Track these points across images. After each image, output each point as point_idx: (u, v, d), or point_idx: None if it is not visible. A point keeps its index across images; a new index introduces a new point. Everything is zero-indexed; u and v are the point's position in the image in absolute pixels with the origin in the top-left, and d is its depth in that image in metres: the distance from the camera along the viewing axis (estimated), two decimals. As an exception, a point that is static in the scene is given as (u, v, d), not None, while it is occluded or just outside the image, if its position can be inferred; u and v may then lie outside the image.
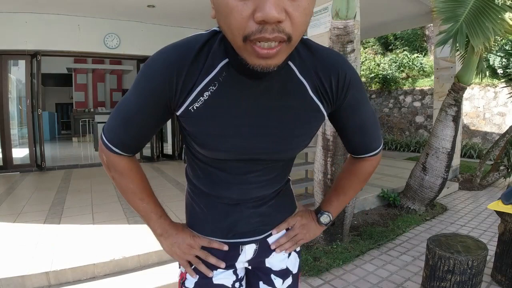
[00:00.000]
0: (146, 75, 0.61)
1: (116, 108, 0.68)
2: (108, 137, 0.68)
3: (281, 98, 0.64)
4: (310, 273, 2.29)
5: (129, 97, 0.65)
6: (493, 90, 7.52)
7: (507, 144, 4.60)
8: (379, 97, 9.88)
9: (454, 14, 2.90)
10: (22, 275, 1.99)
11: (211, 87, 0.61)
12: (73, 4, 4.95)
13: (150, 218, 0.77)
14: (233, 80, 0.61)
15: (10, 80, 5.69)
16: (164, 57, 0.60)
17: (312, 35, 3.50)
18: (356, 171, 0.84)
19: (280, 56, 0.50)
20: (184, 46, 0.60)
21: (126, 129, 0.67)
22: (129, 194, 0.75)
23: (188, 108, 0.62)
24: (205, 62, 0.60)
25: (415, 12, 5.74)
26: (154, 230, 0.78)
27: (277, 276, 0.84)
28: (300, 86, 0.65)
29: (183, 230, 0.79)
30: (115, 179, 0.75)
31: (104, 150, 0.70)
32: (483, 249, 1.78)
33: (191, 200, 0.81)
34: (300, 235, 0.84)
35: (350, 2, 2.35)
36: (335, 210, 0.86)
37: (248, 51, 0.49)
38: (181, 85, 0.60)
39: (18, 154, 5.87)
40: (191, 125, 0.64)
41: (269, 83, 0.62)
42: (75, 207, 3.37)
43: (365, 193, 3.76)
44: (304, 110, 0.66)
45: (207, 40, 0.60)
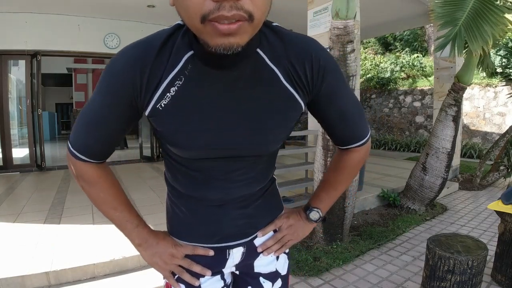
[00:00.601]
0: (109, 76, 0.59)
1: (80, 114, 0.65)
2: (74, 144, 0.65)
3: (252, 88, 0.61)
4: (310, 273, 2.29)
5: (92, 100, 0.62)
6: (493, 90, 7.52)
7: (507, 144, 4.60)
8: (379, 97, 9.88)
9: (452, 18, 2.89)
10: (22, 275, 1.99)
11: (177, 81, 0.58)
12: (73, 4, 4.95)
13: (125, 228, 0.73)
14: (200, 73, 0.58)
15: (10, 80, 5.69)
16: (126, 56, 0.57)
17: (312, 35, 3.50)
18: (345, 164, 0.80)
19: (242, 35, 0.47)
20: (146, 42, 0.58)
21: (91, 133, 0.63)
22: (100, 203, 0.71)
23: (156, 106, 0.59)
24: (169, 57, 0.57)
25: (415, 12, 5.74)
26: (132, 240, 0.74)
27: (266, 279, 0.81)
28: (271, 74, 0.61)
29: (164, 239, 0.75)
30: (84, 188, 0.71)
31: (71, 159, 0.67)
32: (483, 249, 1.78)
33: (172, 205, 0.77)
34: (288, 236, 0.81)
35: (350, 2, 2.35)
36: (324, 206, 0.83)
37: (208, 32, 0.47)
38: (145, 83, 0.58)
39: (18, 154, 5.87)
40: (161, 125, 0.62)
41: (237, 73, 0.59)
42: (75, 207, 3.37)
43: (365, 193, 3.76)
44: (277, 100, 0.62)
45: (170, 34, 0.58)
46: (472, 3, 2.81)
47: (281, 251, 0.81)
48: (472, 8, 2.82)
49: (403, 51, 10.95)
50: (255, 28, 0.49)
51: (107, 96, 0.59)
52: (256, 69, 0.60)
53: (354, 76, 2.51)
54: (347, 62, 2.47)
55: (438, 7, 2.94)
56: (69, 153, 0.67)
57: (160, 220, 2.56)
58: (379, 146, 8.64)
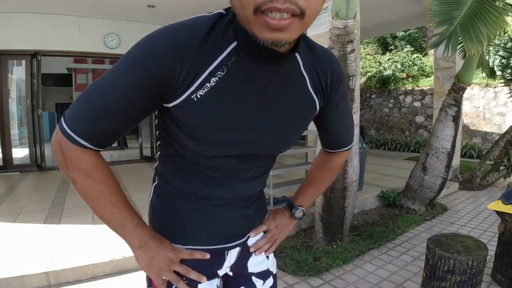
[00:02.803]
0: (146, 58, 0.52)
1: (88, 93, 0.55)
2: (72, 124, 0.55)
3: (284, 89, 0.62)
4: (310, 273, 2.29)
5: (112, 80, 0.54)
6: (493, 90, 7.52)
7: (507, 144, 4.60)
8: (379, 97, 9.88)
9: (449, 16, 2.88)
10: (22, 275, 1.99)
11: (219, 72, 0.56)
12: (73, 4, 4.95)
13: (125, 227, 0.64)
14: (242, 66, 0.57)
15: (10, 80, 5.69)
16: (170, 40, 0.52)
17: (312, 35, 3.50)
18: (331, 165, 0.86)
19: (292, 31, 0.48)
20: (191, 27, 0.54)
21: (103, 117, 0.55)
22: (97, 198, 0.62)
23: (191, 96, 0.55)
24: (213, 46, 0.55)
25: (415, 12, 5.73)
26: (130, 241, 0.66)
27: (258, 278, 0.83)
28: (302, 80, 0.65)
29: (162, 242, 0.68)
30: (77, 181, 0.60)
31: (65, 143, 0.56)
32: (483, 249, 1.78)
33: (167, 206, 0.72)
34: (276, 235, 0.84)
35: (350, 2, 2.35)
36: (307, 204, 0.88)
37: (258, 25, 0.47)
38: (185, 71, 0.54)
39: (18, 154, 5.87)
40: (189, 116, 0.57)
41: (276, 69, 0.59)
42: (75, 207, 3.37)
43: (365, 193, 3.76)
44: (302, 103, 0.66)
45: (214, 23, 0.55)
46: (470, 2, 2.81)
47: (271, 250, 0.84)
48: (470, 8, 2.81)
49: (403, 51, 10.94)
50: (305, 26, 0.50)
51: (138, 79, 0.53)
52: (292, 72, 0.63)
53: (354, 76, 2.51)
54: (347, 62, 2.47)
55: (434, 5, 2.94)
56: (61, 133, 0.56)
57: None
58: (379, 146, 8.64)
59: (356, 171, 2.67)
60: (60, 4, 4.92)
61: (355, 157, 2.64)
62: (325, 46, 3.33)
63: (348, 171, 2.60)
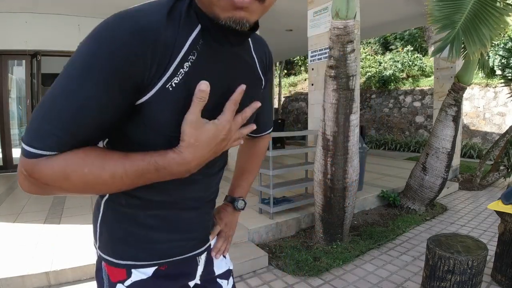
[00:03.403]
0: (108, 45, 0.45)
1: (47, 100, 0.46)
2: (39, 142, 0.46)
3: (242, 70, 0.62)
4: (310, 273, 2.29)
5: (70, 78, 0.46)
6: (493, 90, 7.52)
7: (507, 144, 4.60)
8: (379, 97, 9.88)
9: (450, 21, 2.88)
10: (22, 275, 1.99)
11: (191, 56, 0.52)
12: (73, 4, 4.95)
13: (152, 179, 0.52)
14: (209, 48, 0.54)
15: (10, 80, 5.69)
16: (131, 23, 0.46)
17: (312, 35, 3.50)
18: (258, 151, 0.89)
19: (252, 12, 0.49)
20: (151, 11, 0.49)
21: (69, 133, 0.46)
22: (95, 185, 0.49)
23: (165, 86, 0.50)
24: (179, 29, 0.51)
25: (415, 12, 5.73)
26: (168, 167, 0.52)
27: (222, 279, 0.82)
28: (253, 61, 0.66)
29: (186, 147, 0.52)
30: (63, 188, 0.49)
31: (30, 165, 0.47)
32: (483, 249, 1.78)
33: (127, 223, 0.63)
34: (227, 233, 0.85)
35: (350, 2, 2.35)
36: (245, 193, 0.90)
37: (221, 5, 0.47)
38: (157, 59, 0.48)
39: (18, 154, 5.84)
40: (163, 109, 0.50)
41: (235, 52, 0.59)
42: (75, 207, 3.37)
43: (365, 193, 3.76)
44: (255, 84, 0.67)
45: (172, 5, 0.51)
46: (471, 5, 2.81)
47: (228, 249, 0.85)
48: (471, 10, 2.81)
49: (403, 51, 10.94)
50: (264, 11, 0.51)
51: (102, 73, 0.45)
52: (246, 54, 0.64)
53: (354, 76, 2.51)
54: (347, 62, 2.47)
55: (436, 11, 2.94)
56: (29, 159, 0.46)
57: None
58: (379, 146, 8.64)
59: (356, 171, 2.67)
60: (60, 4, 4.92)
61: (355, 157, 2.64)
62: (325, 46, 3.34)
63: (348, 171, 2.60)
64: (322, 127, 2.65)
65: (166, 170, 0.52)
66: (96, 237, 0.67)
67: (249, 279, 2.25)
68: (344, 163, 2.59)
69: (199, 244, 0.72)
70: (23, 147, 0.47)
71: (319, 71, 3.44)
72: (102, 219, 0.65)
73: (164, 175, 0.52)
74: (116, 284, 0.65)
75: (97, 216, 0.66)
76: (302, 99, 12.14)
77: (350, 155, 2.59)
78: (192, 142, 0.51)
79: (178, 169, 0.52)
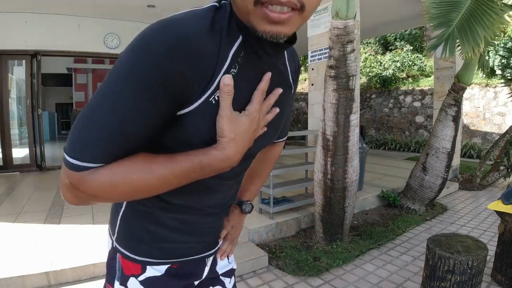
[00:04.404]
0: (149, 58, 0.44)
1: (89, 114, 0.46)
2: (84, 155, 0.46)
3: (278, 80, 0.62)
4: (310, 273, 2.29)
5: (114, 94, 0.45)
6: (493, 90, 7.52)
7: (507, 144, 4.60)
8: (379, 97, 9.88)
9: (446, 19, 2.88)
10: (22, 275, 1.99)
11: (233, 69, 0.51)
12: (73, 4, 4.95)
13: (197, 177, 0.53)
14: (249, 61, 0.54)
15: (10, 80, 5.69)
16: (173, 33, 0.45)
17: (312, 35, 3.50)
18: (271, 157, 0.89)
19: (291, 25, 0.47)
20: (194, 19, 0.48)
21: (113, 144, 0.47)
22: (144, 190, 0.50)
23: (209, 99, 0.50)
24: (221, 41, 0.50)
25: (415, 12, 5.73)
26: (212, 164, 0.52)
27: (225, 277, 0.85)
28: (286, 71, 0.66)
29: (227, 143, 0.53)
30: (113, 198, 0.51)
31: (76, 178, 0.47)
32: (483, 249, 1.78)
33: (150, 220, 0.64)
34: (233, 235, 0.86)
35: (350, 2, 2.35)
36: (253, 197, 0.91)
37: (258, 17, 0.46)
38: (202, 70, 0.48)
39: (18, 154, 5.87)
40: (203, 122, 0.51)
41: (272, 62, 0.58)
42: (75, 207, 3.37)
43: (365, 193, 3.76)
44: (287, 93, 0.67)
45: (213, 15, 0.50)
46: (467, 4, 2.81)
47: (232, 251, 0.86)
48: (467, 9, 2.81)
49: (403, 51, 10.94)
50: (303, 21, 0.49)
51: (145, 84, 0.45)
52: (281, 64, 0.63)
53: (354, 76, 2.51)
54: (347, 62, 2.47)
55: (432, 8, 2.94)
56: (71, 170, 0.47)
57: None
58: (379, 146, 8.64)
59: (356, 171, 2.67)
60: (60, 4, 4.92)
61: (355, 157, 2.64)
62: (325, 46, 3.34)
63: (348, 171, 2.60)
64: (322, 127, 2.65)
65: (210, 167, 0.52)
66: (114, 230, 0.68)
67: (249, 279, 2.25)
68: (344, 163, 2.59)
69: (210, 246, 0.74)
70: (68, 160, 0.47)
71: (319, 71, 3.44)
72: (123, 216, 0.66)
73: (208, 172, 0.53)
74: (129, 277, 0.66)
75: (118, 211, 0.67)
76: (302, 99, 12.14)
77: (350, 155, 2.59)
78: (233, 137, 0.52)
79: (222, 165, 0.53)
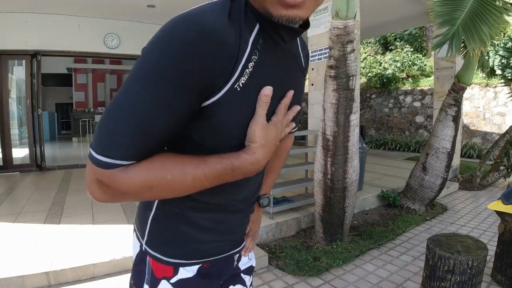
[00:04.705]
0: (174, 50, 0.44)
1: (116, 112, 0.46)
2: (113, 152, 0.46)
3: (294, 65, 0.65)
4: (310, 273, 2.29)
5: (140, 87, 0.45)
6: (493, 90, 7.52)
7: (507, 144, 4.60)
8: (379, 97, 9.88)
9: (451, 17, 2.89)
10: (22, 275, 1.99)
11: (253, 56, 0.52)
12: (73, 4, 4.95)
13: (227, 179, 0.55)
14: (268, 47, 0.55)
15: (10, 80, 5.70)
16: (196, 24, 0.45)
17: (312, 35, 3.50)
18: (284, 149, 0.90)
19: (306, 8, 0.48)
20: (212, 10, 0.48)
21: (143, 139, 0.47)
22: (179, 189, 0.52)
23: (234, 86, 0.50)
24: (241, 29, 0.51)
25: (415, 12, 5.73)
26: (242, 167, 0.55)
27: (245, 274, 0.85)
28: (299, 56, 0.68)
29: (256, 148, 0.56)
30: (146, 197, 0.52)
31: (107, 176, 0.47)
32: (483, 249, 1.78)
33: (182, 221, 0.64)
34: (254, 230, 0.87)
35: (350, 2, 2.35)
36: (268, 191, 0.91)
37: (273, 2, 0.47)
38: (225, 59, 0.48)
39: (18, 154, 5.87)
40: (231, 109, 0.51)
41: (288, 48, 0.60)
42: (75, 207, 3.37)
43: (365, 193, 3.76)
44: (301, 78, 0.69)
45: (231, 5, 0.51)
46: (471, 3, 2.82)
47: (253, 246, 0.87)
48: (471, 8, 2.82)
49: (403, 51, 10.94)
50: (316, 5, 0.50)
51: (171, 76, 0.45)
52: (295, 49, 0.65)
53: (354, 76, 2.51)
54: (347, 62, 2.47)
55: (437, 6, 2.95)
56: (98, 167, 0.47)
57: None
58: (379, 146, 8.63)
59: (356, 171, 2.67)
60: (60, 4, 4.93)
61: (355, 157, 2.64)
62: (325, 46, 3.34)
63: (348, 171, 2.60)
64: (322, 127, 2.65)
65: (240, 170, 0.55)
66: (143, 233, 0.67)
67: (249, 279, 2.25)
68: (344, 163, 2.59)
69: (238, 243, 0.75)
70: (96, 157, 0.47)
71: (319, 71, 3.44)
72: (154, 219, 0.65)
73: (237, 174, 0.55)
74: (160, 280, 0.65)
75: (148, 214, 0.66)
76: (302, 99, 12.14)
77: (350, 155, 2.59)
78: (264, 143, 0.55)
79: (251, 168, 0.56)
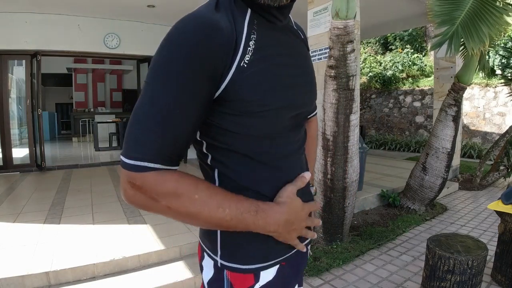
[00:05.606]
0: (184, 49, 0.49)
1: (139, 117, 0.50)
2: (142, 155, 0.49)
3: (296, 42, 0.67)
4: (310, 273, 2.29)
5: (158, 89, 0.49)
6: (493, 90, 7.52)
7: (507, 144, 4.60)
8: (379, 97, 9.88)
9: (450, 17, 2.89)
10: (22, 275, 1.99)
11: (252, 36, 0.56)
12: (73, 4, 4.95)
13: (248, 221, 0.55)
14: (265, 27, 0.59)
15: (10, 80, 5.70)
16: (197, 22, 0.50)
17: (312, 35, 3.50)
18: (312, 133, 0.88)
19: None
20: (205, 9, 0.54)
21: (169, 131, 0.50)
22: (201, 208, 0.53)
23: (240, 64, 0.53)
24: (233, 17, 0.55)
25: (415, 12, 5.73)
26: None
27: None
28: (298, 34, 0.70)
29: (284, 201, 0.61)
30: (172, 206, 0.52)
31: (139, 178, 0.50)
32: (483, 249, 1.78)
33: None
34: None
35: (350, 2, 2.35)
36: (312, 179, 0.87)
37: None
38: (228, 46, 0.52)
39: (18, 154, 5.87)
40: (246, 86, 0.54)
41: (285, 26, 0.64)
42: (75, 207, 3.37)
43: (365, 193, 3.76)
44: (307, 54, 0.71)
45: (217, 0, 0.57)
46: (470, 2, 2.81)
47: None
48: (471, 8, 2.82)
49: (403, 51, 10.94)
50: None
51: (186, 74, 0.49)
52: (292, 27, 0.68)
53: (354, 76, 2.51)
54: (347, 62, 2.47)
55: (436, 6, 2.95)
56: (129, 171, 0.50)
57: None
58: (379, 146, 8.63)
59: (356, 171, 2.67)
60: (60, 4, 4.93)
61: (355, 157, 2.64)
62: (325, 46, 3.33)
63: (348, 171, 2.60)
64: (322, 127, 2.65)
65: (264, 213, 0.57)
66: (216, 248, 0.64)
67: (249, 279, 2.25)
68: (344, 163, 2.59)
69: None
70: (127, 162, 0.50)
71: (319, 71, 3.43)
72: (223, 230, 0.62)
73: (259, 218, 0.56)
74: None
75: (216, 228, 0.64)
76: (302, 99, 12.13)
77: (350, 155, 2.59)
78: (289, 201, 0.60)
79: (274, 215, 0.58)
